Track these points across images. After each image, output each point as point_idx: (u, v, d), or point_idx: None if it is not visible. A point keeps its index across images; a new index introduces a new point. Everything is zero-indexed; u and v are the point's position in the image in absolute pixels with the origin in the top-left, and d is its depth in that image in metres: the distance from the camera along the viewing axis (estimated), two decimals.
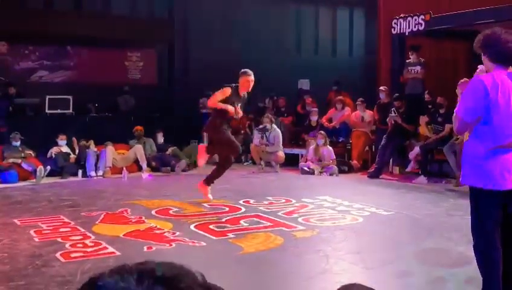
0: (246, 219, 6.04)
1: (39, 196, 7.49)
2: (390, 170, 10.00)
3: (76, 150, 9.80)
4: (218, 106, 6.63)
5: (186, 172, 10.16)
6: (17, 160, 9.01)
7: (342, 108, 11.20)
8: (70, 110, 11.00)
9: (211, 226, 5.69)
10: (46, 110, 10.81)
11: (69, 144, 9.85)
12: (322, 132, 10.06)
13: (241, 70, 6.84)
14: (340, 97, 11.49)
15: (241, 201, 7.01)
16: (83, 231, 5.46)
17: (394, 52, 10.66)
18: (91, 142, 9.86)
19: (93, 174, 9.47)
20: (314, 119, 11.29)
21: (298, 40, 14.93)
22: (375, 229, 5.73)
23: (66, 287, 3.78)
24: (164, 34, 13.19)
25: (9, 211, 6.46)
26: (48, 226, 5.68)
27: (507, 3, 8.40)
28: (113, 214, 6.30)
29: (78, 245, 4.93)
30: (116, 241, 5.08)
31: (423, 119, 9.52)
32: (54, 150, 9.58)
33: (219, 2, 13.26)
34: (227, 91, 6.65)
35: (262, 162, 10.35)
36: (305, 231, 5.53)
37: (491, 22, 8.09)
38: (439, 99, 9.27)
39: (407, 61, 10.28)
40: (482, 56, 3.34)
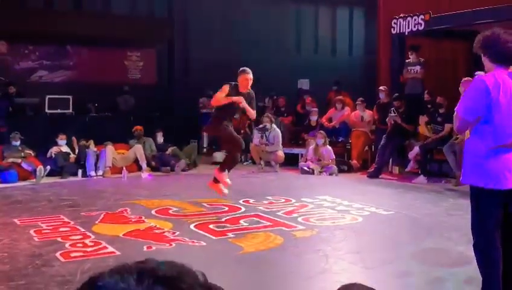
0: (246, 219, 6.05)
1: (39, 196, 7.49)
2: (390, 169, 10.00)
3: (76, 150, 9.80)
4: (222, 101, 6.58)
5: (186, 172, 10.16)
6: (17, 160, 9.00)
7: (342, 108, 11.19)
8: (70, 110, 11.01)
9: (211, 226, 5.69)
10: (46, 110, 10.81)
11: (69, 144, 9.84)
12: (322, 132, 10.06)
13: (240, 68, 6.88)
14: (339, 97, 11.49)
15: (240, 201, 7.01)
16: (83, 230, 5.47)
17: (394, 52, 10.66)
18: (91, 142, 9.86)
19: (93, 174, 9.47)
20: (313, 119, 11.28)
21: (298, 39, 14.93)
22: (375, 228, 5.74)
23: (66, 287, 3.79)
24: (164, 33, 13.19)
25: (9, 211, 6.46)
26: (48, 225, 5.68)
27: (506, 3, 8.40)
28: (113, 213, 6.30)
29: (78, 245, 4.94)
30: (116, 241, 5.09)
31: (423, 119, 9.52)
32: (53, 149, 9.58)
33: (219, 1, 13.25)
34: (225, 88, 6.64)
35: (262, 162, 10.35)
36: (305, 231, 5.54)
37: (491, 22, 8.08)
38: (439, 99, 9.28)
39: (407, 61, 10.27)
40: (482, 57, 3.35)
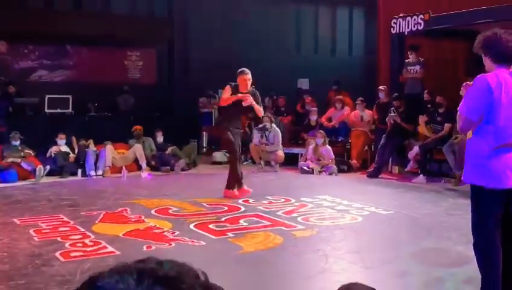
0: (246, 218, 6.05)
1: (39, 196, 7.49)
2: (390, 169, 10.00)
3: (76, 150, 9.79)
4: (230, 99, 6.94)
5: (186, 171, 10.16)
6: (17, 159, 8.99)
7: (342, 107, 11.19)
8: (70, 110, 11.01)
9: (211, 226, 5.69)
10: (46, 110, 10.81)
11: (69, 144, 9.84)
12: (321, 131, 10.06)
13: (239, 70, 7.13)
14: (339, 97, 11.49)
15: (240, 200, 7.02)
16: (83, 230, 5.47)
17: (393, 51, 10.66)
18: (90, 141, 9.85)
19: (92, 173, 9.46)
20: (313, 119, 11.28)
21: (298, 39, 14.92)
22: (375, 228, 5.74)
23: (66, 287, 3.79)
24: (164, 33, 13.18)
25: (9, 211, 6.46)
26: (48, 225, 5.68)
27: (506, 3, 8.40)
28: (112, 213, 6.30)
29: (78, 244, 4.94)
30: (115, 240, 5.09)
31: (422, 119, 9.51)
32: (53, 149, 9.57)
33: (219, 1, 13.25)
34: (227, 89, 7.06)
35: (262, 162, 10.35)
36: (305, 231, 5.54)
37: (490, 21, 8.09)
38: (439, 99, 9.28)
39: (407, 60, 10.27)
40: (483, 57, 3.36)
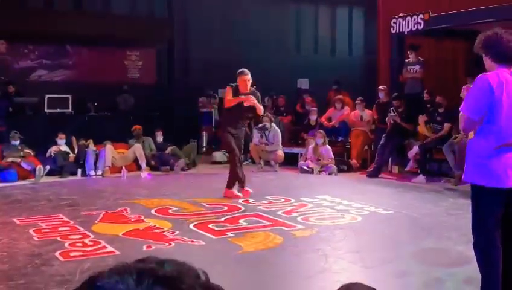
0: (245, 218, 6.05)
1: (38, 195, 7.49)
2: (389, 169, 10.00)
3: (76, 149, 9.79)
4: (233, 101, 7.01)
5: (185, 171, 10.15)
6: (17, 159, 8.99)
7: (341, 107, 11.19)
8: (70, 109, 11.01)
9: (210, 225, 5.69)
10: (46, 109, 10.80)
11: (68, 143, 9.84)
12: (321, 131, 10.06)
13: (238, 70, 7.15)
14: (339, 96, 11.48)
15: (240, 200, 7.02)
16: (82, 230, 5.47)
17: (393, 51, 10.66)
18: (90, 141, 9.85)
19: (92, 173, 9.46)
20: (313, 119, 11.28)
21: (298, 39, 14.92)
22: (374, 228, 5.74)
23: (65, 286, 3.79)
24: (164, 33, 13.17)
25: (8, 210, 6.46)
26: (48, 225, 5.68)
27: (506, 2, 8.40)
28: (112, 213, 6.30)
29: (78, 244, 4.94)
30: (115, 240, 5.09)
31: (422, 119, 9.51)
32: (53, 149, 9.57)
33: (219, 1, 13.23)
34: (229, 90, 7.11)
35: (262, 161, 10.34)
36: (304, 230, 5.54)
37: (490, 21, 8.08)
38: (438, 99, 9.28)
39: (406, 60, 10.27)
40: (484, 57, 3.36)
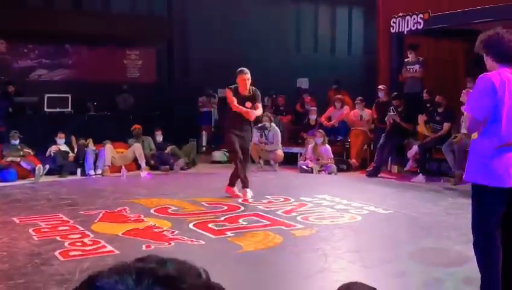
0: (245, 218, 6.05)
1: (38, 195, 7.49)
2: (389, 168, 10.00)
3: (75, 149, 9.78)
4: (236, 108, 6.90)
5: (185, 171, 10.15)
6: (16, 158, 8.99)
7: (341, 107, 11.19)
8: (69, 109, 11.02)
9: (210, 225, 5.69)
10: (45, 109, 10.81)
11: (68, 143, 9.84)
12: (321, 131, 10.06)
13: (238, 69, 7.06)
14: (339, 96, 11.48)
15: (239, 200, 7.02)
16: (82, 229, 5.47)
17: (393, 51, 10.66)
18: (90, 140, 9.85)
19: (92, 172, 9.46)
20: (313, 118, 11.28)
21: (297, 39, 14.92)
22: (374, 227, 5.74)
23: (65, 286, 3.79)
24: (163, 33, 13.17)
25: (8, 210, 6.46)
26: (47, 224, 5.68)
27: (505, 2, 8.39)
28: (112, 212, 6.30)
29: (77, 244, 4.94)
30: (115, 239, 5.09)
31: (421, 118, 9.51)
32: (52, 148, 9.57)
33: (219, 1, 13.23)
34: (229, 93, 7.00)
35: (261, 161, 10.35)
36: (304, 230, 5.54)
37: (490, 21, 8.08)
38: (438, 98, 9.27)
39: (406, 60, 10.27)
40: (485, 56, 3.36)
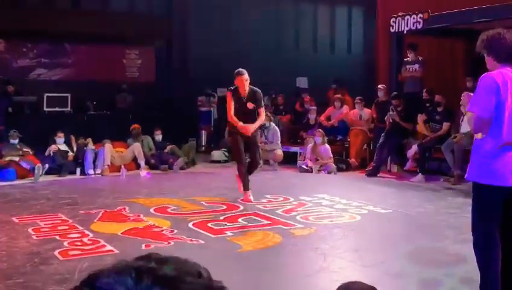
0: (244, 217, 6.05)
1: (37, 194, 7.49)
2: (388, 168, 10.00)
3: (75, 148, 9.77)
4: (232, 120, 6.89)
5: (184, 170, 10.15)
6: (16, 158, 8.98)
7: (341, 106, 11.19)
8: (69, 108, 11.02)
9: (209, 224, 5.70)
10: (44, 108, 10.81)
11: (67, 142, 9.83)
12: (320, 130, 10.06)
13: (235, 71, 6.95)
14: (338, 95, 11.48)
15: (239, 199, 7.02)
16: (81, 229, 5.47)
17: (392, 50, 10.66)
18: (89, 140, 9.84)
19: (91, 172, 9.45)
20: (312, 118, 11.28)
21: (297, 38, 14.92)
22: (373, 227, 5.75)
23: (64, 285, 3.79)
24: (163, 32, 13.16)
25: (7, 209, 6.45)
26: (46, 224, 5.68)
27: (505, 1, 8.40)
28: (111, 212, 6.30)
29: (77, 243, 4.94)
30: (114, 239, 5.09)
31: (421, 118, 9.51)
32: (52, 148, 9.56)
33: (218, 0, 13.23)
34: (229, 96, 6.94)
35: (261, 160, 10.32)
36: (303, 229, 5.55)
37: (490, 20, 8.09)
38: (437, 98, 9.28)
39: (405, 59, 10.27)
40: (486, 56, 3.37)
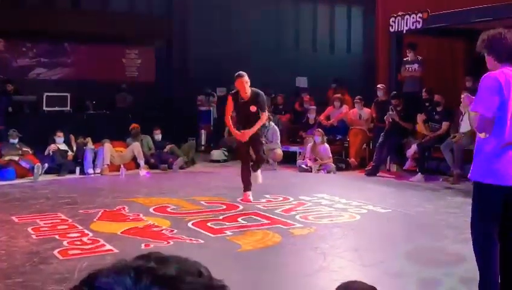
0: (244, 217, 6.05)
1: (37, 194, 7.49)
2: (388, 167, 10.01)
3: (74, 148, 9.77)
4: (229, 125, 6.86)
5: (184, 170, 10.15)
6: (15, 157, 8.98)
7: (340, 106, 11.19)
8: (68, 108, 11.02)
9: (209, 224, 5.70)
10: (44, 108, 10.81)
11: (67, 142, 9.82)
12: (320, 130, 10.06)
13: (235, 74, 6.84)
14: (338, 95, 11.48)
15: (238, 199, 7.02)
16: (81, 228, 5.47)
17: (392, 50, 10.66)
18: (89, 139, 9.84)
19: (90, 171, 9.45)
20: (311, 117, 11.28)
21: (296, 37, 14.92)
22: (373, 226, 5.75)
23: (64, 285, 3.79)
24: (162, 31, 13.16)
25: (7, 209, 6.45)
26: (46, 223, 5.68)
27: (505, 1, 8.40)
28: (111, 211, 6.30)
29: (76, 242, 4.94)
30: (113, 238, 5.09)
31: (420, 117, 9.52)
32: (51, 147, 9.56)
33: (218, 0, 13.23)
34: (229, 100, 6.92)
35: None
36: (303, 229, 5.55)
37: (489, 20, 8.09)
38: (437, 97, 9.27)
39: (405, 59, 10.27)
40: (486, 56, 3.37)
